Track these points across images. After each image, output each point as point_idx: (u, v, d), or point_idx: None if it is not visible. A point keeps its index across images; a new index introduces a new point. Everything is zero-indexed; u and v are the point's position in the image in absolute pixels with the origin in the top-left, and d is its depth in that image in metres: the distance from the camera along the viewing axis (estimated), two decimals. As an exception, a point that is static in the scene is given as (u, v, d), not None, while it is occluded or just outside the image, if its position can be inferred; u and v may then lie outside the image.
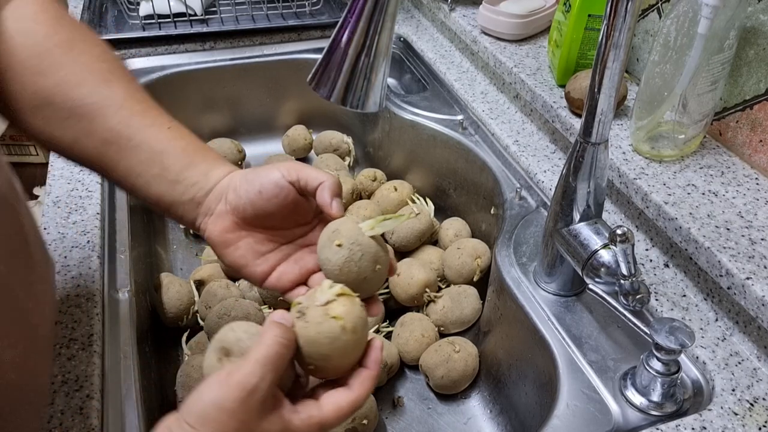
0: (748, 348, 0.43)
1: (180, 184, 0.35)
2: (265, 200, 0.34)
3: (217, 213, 0.36)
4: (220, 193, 0.35)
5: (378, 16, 0.34)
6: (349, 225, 0.34)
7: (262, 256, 0.36)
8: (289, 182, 0.34)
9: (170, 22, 0.78)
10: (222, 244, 0.36)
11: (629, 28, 0.36)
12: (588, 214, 0.44)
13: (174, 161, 0.35)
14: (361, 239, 0.33)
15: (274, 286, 0.36)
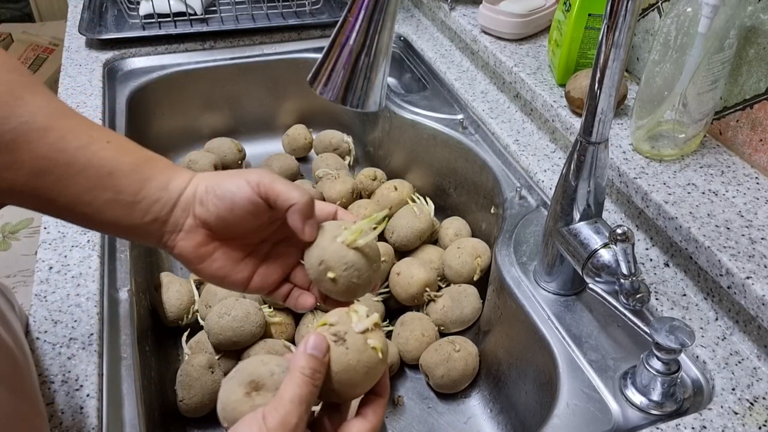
0: (748, 347, 0.43)
1: (139, 205, 0.31)
2: (238, 217, 0.32)
3: (186, 229, 0.32)
4: (187, 205, 0.32)
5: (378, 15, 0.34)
6: (331, 250, 0.32)
7: (241, 262, 0.34)
8: (260, 197, 0.32)
9: (170, 22, 0.78)
10: (197, 260, 0.33)
11: (629, 28, 0.36)
12: (588, 214, 0.44)
13: (127, 181, 0.31)
14: (350, 258, 0.32)
15: (259, 289, 0.35)
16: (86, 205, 0.30)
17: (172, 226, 0.32)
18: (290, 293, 0.36)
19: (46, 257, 0.48)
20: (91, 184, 0.30)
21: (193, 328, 0.59)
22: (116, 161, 0.31)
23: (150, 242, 0.33)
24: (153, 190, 0.31)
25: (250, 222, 0.32)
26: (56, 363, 0.41)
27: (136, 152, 0.32)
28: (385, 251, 0.63)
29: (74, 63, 0.74)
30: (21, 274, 1.26)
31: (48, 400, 0.39)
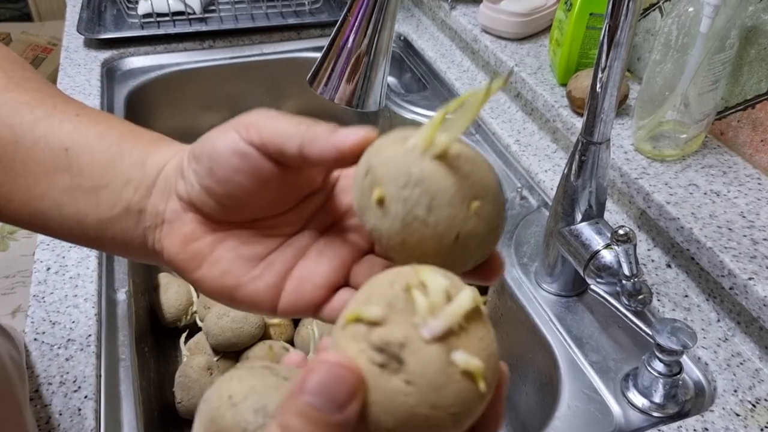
0: (750, 349, 0.42)
1: (104, 191, 0.22)
2: (224, 181, 0.21)
3: (169, 218, 0.22)
4: (167, 184, 0.22)
5: (378, 14, 0.33)
6: (388, 152, 0.18)
7: (261, 261, 0.22)
8: (252, 145, 0.21)
9: (169, 21, 0.78)
10: (191, 262, 0.22)
11: (630, 27, 0.36)
12: (589, 214, 0.44)
13: (89, 158, 0.22)
14: (419, 169, 0.18)
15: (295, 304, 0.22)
16: (40, 198, 0.22)
17: (152, 217, 0.22)
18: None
19: (44, 258, 0.48)
20: (45, 167, 0.22)
21: (191, 329, 0.59)
22: (78, 133, 0.23)
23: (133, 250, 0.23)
24: (123, 168, 0.22)
25: (254, 192, 0.21)
26: (54, 364, 0.41)
27: (108, 124, 0.24)
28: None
29: (73, 63, 0.74)
30: (20, 274, 1.26)
31: (46, 402, 0.38)
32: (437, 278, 0.15)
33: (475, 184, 0.18)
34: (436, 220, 0.17)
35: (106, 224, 0.23)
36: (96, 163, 0.22)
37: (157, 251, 0.23)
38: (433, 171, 0.18)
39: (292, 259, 0.22)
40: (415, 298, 0.15)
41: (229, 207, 0.22)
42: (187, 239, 0.22)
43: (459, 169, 0.18)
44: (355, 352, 0.14)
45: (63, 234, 0.23)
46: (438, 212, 0.17)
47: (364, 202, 0.19)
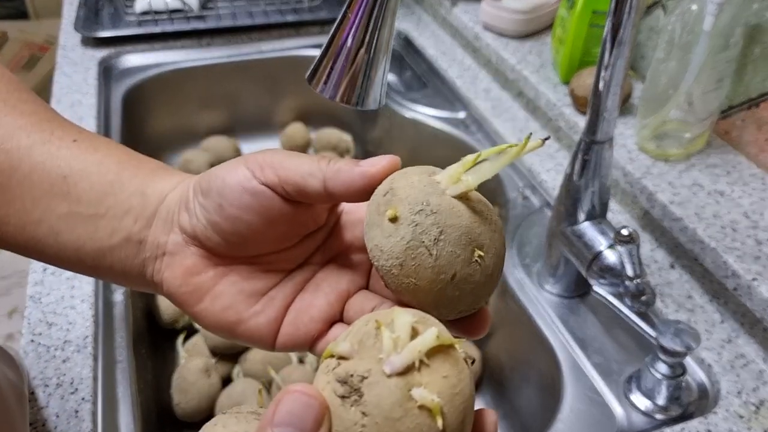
0: (754, 350, 0.42)
1: (103, 220, 0.22)
2: (232, 219, 0.21)
3: (170, 250, 0.22)
4: (169, 215, 0.22)
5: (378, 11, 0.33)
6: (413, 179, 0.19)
7: (262, 297, 0.22)
8: (266, 185, 0.21)
9: (167, 19, 0.77)
10: (192, 296, 0.22)
11: (633, 25, 0.35)
12: (592, 214, 0.43)
13: (87, 185, 0.22)
14: (438, 201, 0.18)
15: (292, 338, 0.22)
16: (37, 223, 0.22)
17: (153, 248, 0.22)
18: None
19: (40, 258, 0.48)
20: (42, 193, 0.22)
21: (189, 330, 0.58)
22: (76, 160, 0.22)
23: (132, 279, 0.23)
24: (124, 197, 0.22)
25: (263, 230, 0.21)
26: (51, 366, 0.40)
27: (108, 151, 0.23)
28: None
29: (69, 61, 0.73)
30: (17, 275, 1.25)
31: (42, 404, 0.38)
32: (405, 316, 0.16)
33: (484, 234, 0.19)
34: (439, 253, 0.18)
35: (105, 253, 0.22)
36: (95, 191, 0.22)
37: (156, 282, 0.23)
38: (451, 207, 0.18)
39: (292, 293, 0.23)
40: (383, 334, 0.15)
41: (235, 243, 0.22)
42: (189, 272, 0.22)
43: (474, 213, 0.19)
44: (323, 384, 0.15)
45: (60, 261, 0.23)
46: (443, 246, 0.18)
47: (375, 219, 0.19)
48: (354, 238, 0.23)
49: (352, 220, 0.24)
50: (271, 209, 0.21)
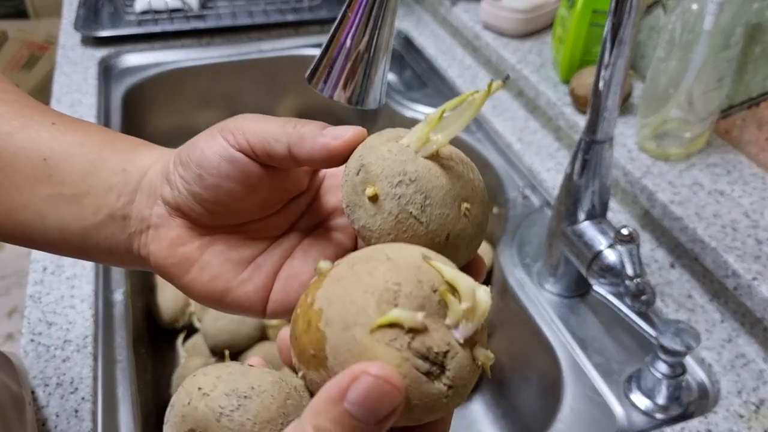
0: (755, 350, 0.42)
1: (87, 197, 0.22)
2: (213, 187, 0.21)
3: (155, 223, 0.22)
4: (152, 189, 0.22)
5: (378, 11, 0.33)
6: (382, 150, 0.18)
7: (249, 264, 0.22)
8: (240, 150, 0.21)
9: (166, 18, 0.77)
10: (179, 267, 0.22)
11: (634, 24, 0.35)
12: (592, 214, 0.43)
13: (70, 166, 0.22)
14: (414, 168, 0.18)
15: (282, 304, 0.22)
16: (22, 208, 0.22)
17: (137, 222, 0.22)
18: None
19: (41, 258, 0.48)
20: (25, 177, 0.22)
21: (189, 330, 0.58)
22: (56, 142, 0.22)
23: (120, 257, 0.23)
24: (104, 175, 0.22)
25: (243, 197, 0.21)
26: (51, 366, 0.40)
27: (87, 131, 0.23)
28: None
29: (69, 61, 0.73)
30: (16, 275, 1.25)
31: (42, 404, 0.38)
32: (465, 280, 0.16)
33: (465, 186, 0.19)
34: (429, 218, 0.18)
35: (90, 231, 0.22)
36: (76, 171, 0.22)
37: (143, 256, 0.23)
38: (428, 170, 0.18)
39: (280, 260, 0.23)
40: (450, 303, 0.16)
41: (218, 212, 0.22)
42: (174, 243, 0.22)
43: (451, 169, 0.18)
44: (399, 360, 0.15)
45: (46, 245, 0.23)
46: (431, 211, 0.18)
47: (354, 200, 0.19)
48: (339, 202, 0.23)
49: (336, 184, 0.24)
50: (249, 175, 0.21)
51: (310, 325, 0.15)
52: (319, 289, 0.16)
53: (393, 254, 0.16)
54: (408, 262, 0.16)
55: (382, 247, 0.17)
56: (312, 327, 0.15)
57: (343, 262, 0.17)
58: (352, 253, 0.17)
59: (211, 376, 0.18)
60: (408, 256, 0.16)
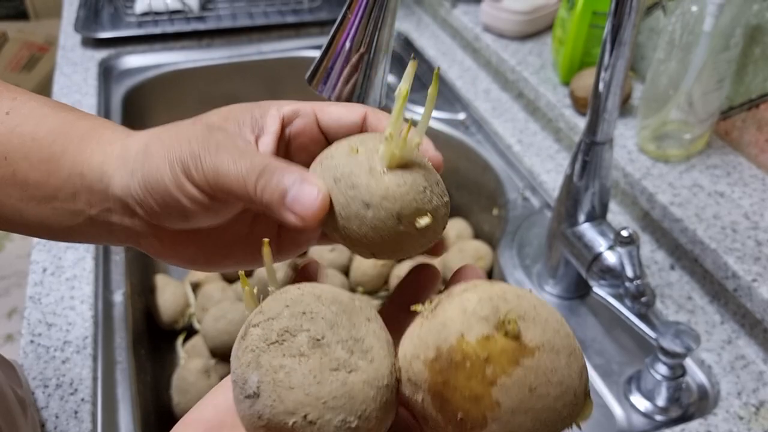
0: (754, 351, 0.42)
1: (56, 201, 0.21)
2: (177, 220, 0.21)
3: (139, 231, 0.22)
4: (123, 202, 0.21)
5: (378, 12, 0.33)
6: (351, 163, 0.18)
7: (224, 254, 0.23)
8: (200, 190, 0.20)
9: (167, 20, 0.77)
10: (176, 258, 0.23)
11: (634, 26, 0.35)
12: (593, 215, 0.43)
13: (29, 167, 0.21)
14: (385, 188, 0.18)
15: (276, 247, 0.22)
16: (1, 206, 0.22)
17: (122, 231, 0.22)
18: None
19: (40, 259, 0.48)
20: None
21: (189, 331, 0.58)
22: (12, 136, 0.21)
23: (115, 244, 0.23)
24: (64, 178, 0.21)
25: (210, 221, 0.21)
26: (50, 367, 0.40)
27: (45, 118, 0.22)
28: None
29: (69, 61, 0.73)
30: (16, 276, 1.25)
31: (42, 405, 0.38)
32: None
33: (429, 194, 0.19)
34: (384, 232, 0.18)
35: (75, 230, 0.22)
36: (36, 171, 0.21)
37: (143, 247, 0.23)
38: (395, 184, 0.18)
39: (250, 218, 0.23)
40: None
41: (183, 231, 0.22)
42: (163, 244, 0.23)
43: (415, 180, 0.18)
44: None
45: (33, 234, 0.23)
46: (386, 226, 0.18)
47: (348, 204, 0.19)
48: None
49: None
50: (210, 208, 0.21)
51: (482, 400, 0.15)
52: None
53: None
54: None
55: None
56: (484, 402, 0.15)
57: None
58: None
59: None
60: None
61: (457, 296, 0.15)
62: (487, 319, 0.15)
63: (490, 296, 0.15)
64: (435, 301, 0.16)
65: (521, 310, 0.15)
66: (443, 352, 0.15)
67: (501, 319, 0.15)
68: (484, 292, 0.15)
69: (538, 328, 0.15)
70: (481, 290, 0.15)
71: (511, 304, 0.15)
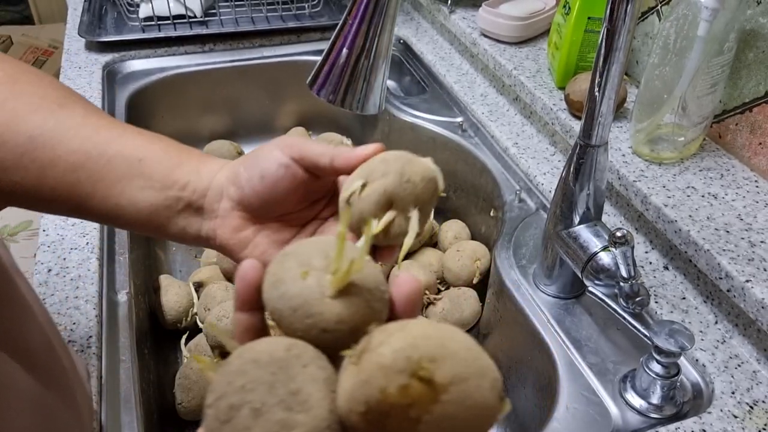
0: (748, 350, 0.43)
1: (170, 190, 0.30)
2: (270, 186, 0.29)
3: (222, 214, 0.31)
4: (219, 189, 0.31)
5: (378, 18, 0.34)
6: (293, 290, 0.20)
7: (286, 243, 0.31)
8: (293, 159, 0.29)
9: (170, 24, 0.78)
10: (237, 247, 0.31)
11: (629, 31, 0.36)
12: (588, 217, 0.44)
13: (157, 166, 0.30)
14: (319, 313, 0.20)
15: None
16: (119, 195, 0.30)
17: (208, 213, 0.31)
18: None
19: (45, 259, 0.48)
20: (123, 172, 0.30)
21: (192, 330, 0.59)
22: (147, 148, 0.31)
23: (191, 236, 0.31)
24: (183, 174, 0.31)
25: (290, 194, 0.30)
26: (54, 366, 0.41)
27: (168, 142, 0.32)
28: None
29: (74, 66, 0.74)
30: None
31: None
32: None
33: (371, 298, 0.20)
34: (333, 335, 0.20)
35: (173, 216, 0.30)
36: (163, 170, 0.30)
37: (210, 238, 0.31)
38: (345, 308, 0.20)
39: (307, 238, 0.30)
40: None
41: (269, 205, 0.30)
42: (235, 230, 0.31)
43: (360, 292, 0.20)
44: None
45: (133, 224, 0.31)
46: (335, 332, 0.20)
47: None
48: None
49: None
50: (295, 177, 0.29)
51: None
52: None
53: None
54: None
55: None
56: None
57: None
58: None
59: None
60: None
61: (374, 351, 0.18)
62: (403, 371, 0.17)
63: (403, 347, 0.17)
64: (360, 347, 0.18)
65: (430, 353, 0.17)
66: (372, 405, 0.17)
67: (413, 368, 0.17)
68: (397, 342, 0.18)
69: (447, 364, 0.17)
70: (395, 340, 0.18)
71: (421, 349, 0.17)
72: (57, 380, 0.33)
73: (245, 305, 0.21)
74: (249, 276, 0.21)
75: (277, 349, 0.19)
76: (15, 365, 0.28)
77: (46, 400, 0.30)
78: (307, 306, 0.20)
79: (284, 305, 0.20)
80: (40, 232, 0.51)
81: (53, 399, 0.31)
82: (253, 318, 0.21)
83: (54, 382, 0.32)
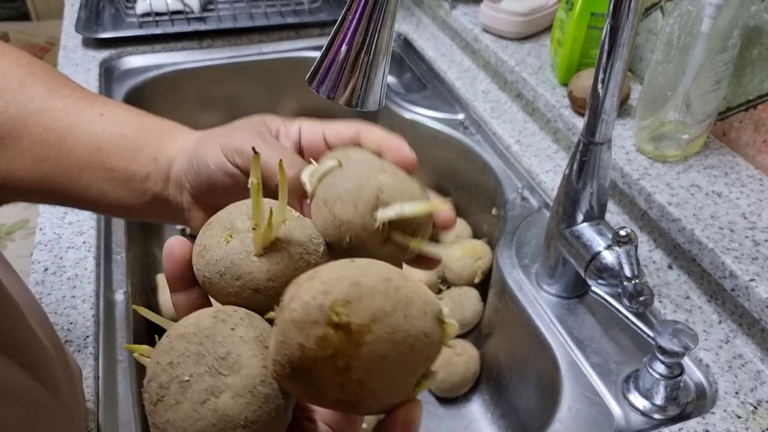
0: (752, 350, 0.42)
1: (132, 182, 0.28)
2: (221, 192, 0.27)
3: (186, 206, 0.29)
4: (178, 181, 0.28)
5: (378, 13, 0.33)
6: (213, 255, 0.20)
7: None
8: (238, 168, 0.26)
9: (167, 20, 0.77)
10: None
11: (632, 27, 0.35)
12: (591, 215, 0.43)
13: (117, 156, 0.28)
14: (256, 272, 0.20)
15: None
16: (87, 188, 0.28)
17: (175, 205, 0.29)
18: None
19: (42, 258, 0.48)
20: (84, 162, 0.28)
21: (190, 329, 0.59)
22: (105, 135, 0.28)
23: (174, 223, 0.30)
24: (142, 166, 0.28)
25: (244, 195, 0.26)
26: (51, 366, 0.40)
27: (131, 120, 0.29)
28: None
29: (71, 62, 0.73)
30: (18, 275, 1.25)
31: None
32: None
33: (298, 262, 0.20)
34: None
35: (144, 207, 0.29)
36: (121, 159, 0.28)
37: (189, 226, 0.29)
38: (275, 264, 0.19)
39: None
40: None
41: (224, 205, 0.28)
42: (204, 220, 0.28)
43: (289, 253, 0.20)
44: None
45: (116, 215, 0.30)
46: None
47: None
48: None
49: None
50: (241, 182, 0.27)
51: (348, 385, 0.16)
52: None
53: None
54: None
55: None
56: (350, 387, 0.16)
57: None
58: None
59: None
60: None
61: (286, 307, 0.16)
62: (317, 322, 0.15)
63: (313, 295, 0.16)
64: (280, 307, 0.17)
65: (343, 294, 0.16)
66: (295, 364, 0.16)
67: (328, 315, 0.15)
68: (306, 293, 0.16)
69: (364, 302, 0.16)
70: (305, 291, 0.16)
71: (332, 294, 0.16)
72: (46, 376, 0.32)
73: (178, 283, 0.20)
74: (175, 252, 0.20)
75: (203, 318, 0.18)
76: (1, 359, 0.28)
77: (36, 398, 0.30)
78: (234, 268, 0.19)
79: (212, 271, 0.19)
80: (36, 231, 0.50)
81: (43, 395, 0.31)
82: (191, 295, 0.20)
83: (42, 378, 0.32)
